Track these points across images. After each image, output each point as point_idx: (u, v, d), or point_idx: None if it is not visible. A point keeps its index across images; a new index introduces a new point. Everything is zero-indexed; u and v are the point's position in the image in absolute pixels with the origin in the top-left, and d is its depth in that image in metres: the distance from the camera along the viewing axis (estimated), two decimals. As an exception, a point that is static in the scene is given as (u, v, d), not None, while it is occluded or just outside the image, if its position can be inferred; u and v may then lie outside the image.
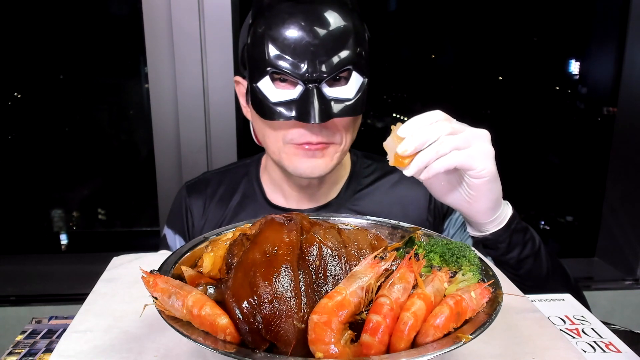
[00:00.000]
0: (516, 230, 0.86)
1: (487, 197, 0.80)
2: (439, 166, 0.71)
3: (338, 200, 1.08)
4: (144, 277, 0.52)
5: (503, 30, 1.94)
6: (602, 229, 1.87)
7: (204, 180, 1.16)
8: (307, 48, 0.86)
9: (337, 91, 0.89)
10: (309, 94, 0.86)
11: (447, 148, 0.71)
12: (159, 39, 1.50)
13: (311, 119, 0.86)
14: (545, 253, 0.91)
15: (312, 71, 0.86)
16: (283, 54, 0.87)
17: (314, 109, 0.86)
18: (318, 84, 0.87)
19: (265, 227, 0.56)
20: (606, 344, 0.71)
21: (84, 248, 1.96)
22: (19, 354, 0.80)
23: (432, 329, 0.47)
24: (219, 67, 1.51)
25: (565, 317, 0.78)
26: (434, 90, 1.99)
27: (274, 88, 0.89)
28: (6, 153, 1.81)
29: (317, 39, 0.86)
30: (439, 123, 0.72)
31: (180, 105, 1.53)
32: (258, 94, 0.90)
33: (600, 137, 1.87)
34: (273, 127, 0.94)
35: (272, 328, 0.47)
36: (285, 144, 0.94)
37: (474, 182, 0.77)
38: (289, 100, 0.88)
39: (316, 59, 0.86)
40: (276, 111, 0.89)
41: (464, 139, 0.73)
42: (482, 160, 0.75)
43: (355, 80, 0.91)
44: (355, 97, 0.91)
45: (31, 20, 1.72)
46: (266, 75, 0.89)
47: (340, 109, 0.89)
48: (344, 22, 0.89)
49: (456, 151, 0.72)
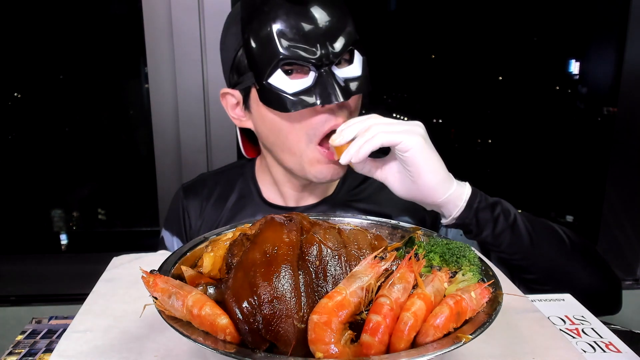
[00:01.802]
0: (481, 209, 0.87)
1: (425, 169, 0.82)
2: (366, 148, 0.79)
3: (334, 196, 1.08)
4: (144, 277, 0.52)
5: (503, 30, 1.94)
6: (602, 229, 1.87)
7: (200, 182, 1.16)
8: (317, 33, 0.88)
9: (345, 71, 0.91)
10: (323, 77, 0.88)
11: (373, 132, 0.79)
12: (159, 39, 1.50)
13: (334, 98, 0.87)
14: (523, 221, 0.90)
15: (326, 54, 0.88)
16: (295, 43, 0.87)
17: (334, 90, 0.87)
18: (329, 67, 0.88)
19: (265, 227, 0.56)
20: (606, 344, 0.71)
21: (84, 248, 1.96)
22: (19, 354, 0.80)
23: (432, 329, 0.47)
24: (219, 67, 1.49)
25: (565, 317, 0.78)
26: (434, 90, 1.99)
27: (288, 80, 0.89)
28: (6, 153, 1.81)
29: (324, 22, 0.89)
30: (371, 118, 0.82)
31: (180, 105, 1.53)
32: (272, 89, 0.89)
33: (600, 137, 1.87)
34: (293, 120, 0.93)
35: (272, 328, 0.47)
36: (308, 143, 0.93)
37: (406, 155, 0.81)
38: (306, 88, 0.89)
39: (326, 41, 0.88)
40: (297, 100, 0.88)
41: (389, 123, 0.81)
42: (406, 135, 0.80)
43: (358, 59, 0.93)
44: (363, 74, 0.93)
45: (31, 20, 1.71)
46: (278, 69, 0.89)
47: (356, 86, 0.91)
48: (338, 4, 0.92)
49: (381, 133, 0.79)
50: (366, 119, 0.82)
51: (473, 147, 2.07)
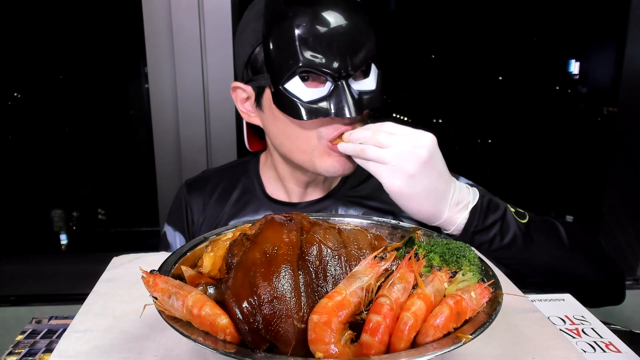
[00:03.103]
0: (477, 232, 0.88)
1: (407, 208, 0.85)
2: (355, 150, 0.85)
3: (337, 191, 1.08)
4: (144, 277, 0.52)
5: (503, 30, 1.94)
6: (602, 229, 1.87)
7: (204, 178, 1.17)
8: (338, 44, 0.88)
9: (361, 84, 0.91)
10: (340, 89, 0.88)
11: (370, 153, 0.82)
12: (159, 39, 1.50)
13: (347, 113, 0.87)
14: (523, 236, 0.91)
15: (344, 67, 0.88)
16: (315, 52, 0.87)
17: (348, 103, 0.88)
18: (346, 79, 0.88)
19: (265, 227, 0.56)
20: (606, 344, 0.71)
21: (84, 248, 1.96)
22: (19, 354, 0.80)
23: (432, 329, 0.47)
24: (219, 67, 1.51)
25: (565, 317, 0.78)
26: (434, 90, 1.99)
27: (305, 87, 0.89)
28: (6, 153, 1.81)
29: (346, 35, 0.88)
30: (381, 132, 0.83)
31: (180, 105, 1.53)
32: (288, 95, 0.89)
33: (600, 137, 1.87)
34: (305, 126, 0.93)
35: (272, 328, 0.47)
36: (319, 139, 0.94)
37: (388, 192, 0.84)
38: (321, 97, 0.89)
39: (346, 54, 0.88)
40: (311, 109, 0.88)
41: (387, 145, 0.82)
42: (389, 174, 0.82)
43: (373, 72, 0.93)
44: (377, 88, 0.93)
45: (31, 20, 1.71)
46: (296, 76, 0.88)
47: (369, 101, 0.91)
48: (362, 17, 0.92)
49: (373, 147, 0.82)
50: (379, 129, 0.84)
51: (473, 147, 2.07)
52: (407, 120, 1.95)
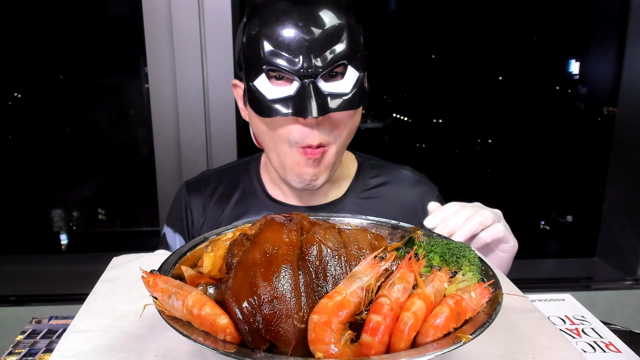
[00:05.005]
0: None
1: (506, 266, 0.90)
2: (486, 235, 0.83)
3: (344, 199, 1.08)
4: (144, 277, 0.52)
5: (503, 30, 1.94)
6: (602, 229, 1.87)
7: (204, 179, 1.16)
8: (301, 44, 0.87)
9: (333, 86, 0.90)
10: (305, 89, 0.87)
11: (489, 220, 0.83)
12: (159, 39, 1.50)
13: (308, 113, 0.86)
14: None
15: (308, 66, 0.87)
16: (278, 50, 0.88)
17: (310, 103, 0.86)
18: (314, 79, 0.87)
19: (265, 227, 0.56)
20: (606, 344, 0.71)
21: (84, 248, 1.96)
22: (19, 354, 0.80)
23: (432, 329, 0.47)
24: (219, 67, 1.51)
25: (565, 317, 0.78)
26: (434, 90, 1.99)
27: (270, 85, 0.90)
28: (6, 153, 1.81)
29: (311, 34, 0.87)
30: (476, 216, 0.83)
31: (180, 105, 1.53)
32: (255, 92, 0.91)
33: (600, 137, 1.87)
34: (272, 126, 0.94)
35: (272, 328, 0.47)
36: (291, 146, 0.93)
37: (502, 255, 0.88)
38: (286, 96, 0.89)
39: (311, 54, 0.87)
40: (273, 108, 0.89)
41: (495, 217, 0.85)
42: (511, 235, 0.87)
43: (351, 75, 0.91)
44: (352, 92, 0.91)
45: (31, 20, 1.71)
46: (262, 73, 0.89)
47: (338, 104, 0.90)
48: (337, 19, 0.90)
49: (497, 224, 0.84)
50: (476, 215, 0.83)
51: (473, 147, 2.07)
52: (407, 120, 1.95)
